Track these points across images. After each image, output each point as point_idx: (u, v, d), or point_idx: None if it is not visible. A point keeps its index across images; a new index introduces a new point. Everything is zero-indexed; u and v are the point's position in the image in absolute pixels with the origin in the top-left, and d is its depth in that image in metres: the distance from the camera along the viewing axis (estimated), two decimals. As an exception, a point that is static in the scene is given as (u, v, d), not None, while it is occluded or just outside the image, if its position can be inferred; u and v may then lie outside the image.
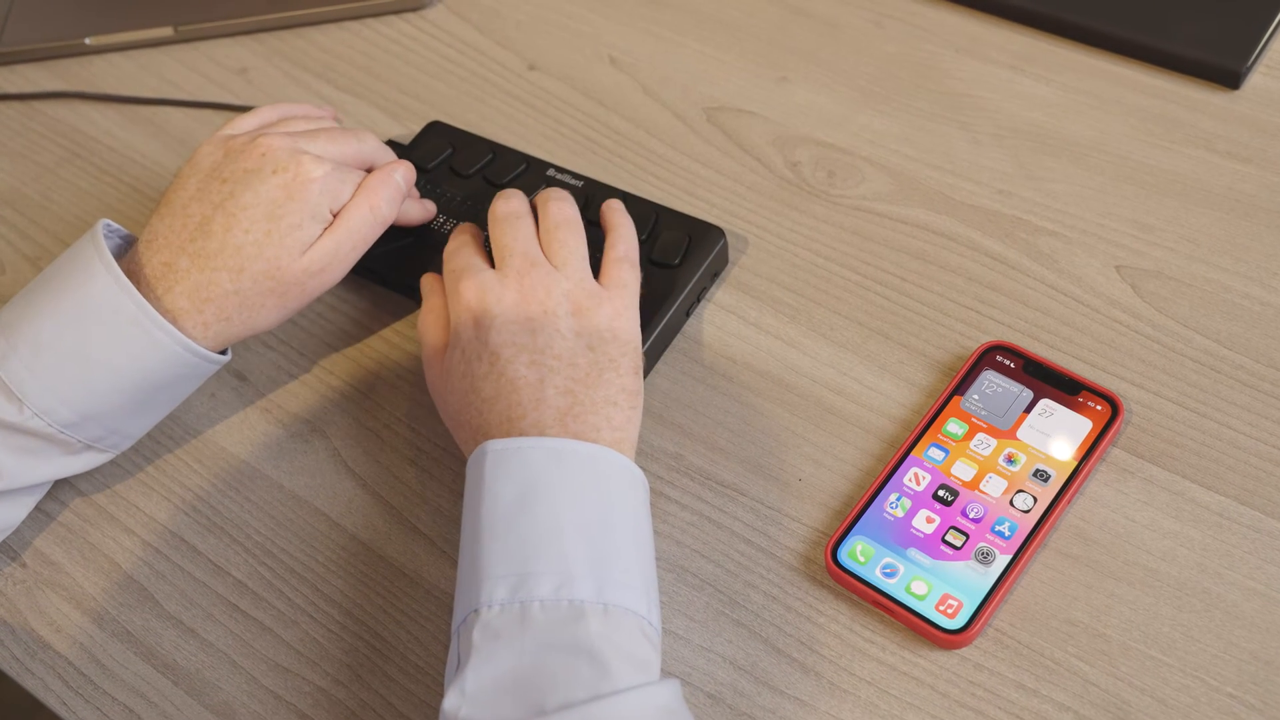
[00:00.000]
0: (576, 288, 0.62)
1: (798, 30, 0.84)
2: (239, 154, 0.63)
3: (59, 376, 0.59)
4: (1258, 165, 0.72)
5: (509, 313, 0.60)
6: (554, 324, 0.60)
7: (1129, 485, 0.61)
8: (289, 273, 0.62)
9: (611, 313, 0.61)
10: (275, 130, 0.66)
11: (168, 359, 0.61)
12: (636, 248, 0.66)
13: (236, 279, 0.61)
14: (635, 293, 0.64)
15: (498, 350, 0.59)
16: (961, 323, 0.68)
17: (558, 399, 0.58)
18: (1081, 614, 0.57)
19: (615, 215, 0.68)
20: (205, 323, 0.61)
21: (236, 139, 0.64)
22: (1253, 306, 0.66)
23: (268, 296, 0.62)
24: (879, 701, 0.56)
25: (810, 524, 0.62)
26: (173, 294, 0.61)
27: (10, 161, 0.85)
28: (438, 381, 0.62)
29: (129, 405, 0.62)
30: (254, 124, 0.68)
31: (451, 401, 0.61)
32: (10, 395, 0.59)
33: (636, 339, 0.62)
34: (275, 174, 0.62)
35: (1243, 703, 0.54)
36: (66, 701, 0.61)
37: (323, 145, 0.65)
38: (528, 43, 0.87)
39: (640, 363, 0.61)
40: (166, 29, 0.90)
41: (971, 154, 0.75)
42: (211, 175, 0.63)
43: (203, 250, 0.61)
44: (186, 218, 0.62)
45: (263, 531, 0.65)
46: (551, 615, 0.51)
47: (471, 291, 0.61)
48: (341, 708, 0.59)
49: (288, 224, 0.61)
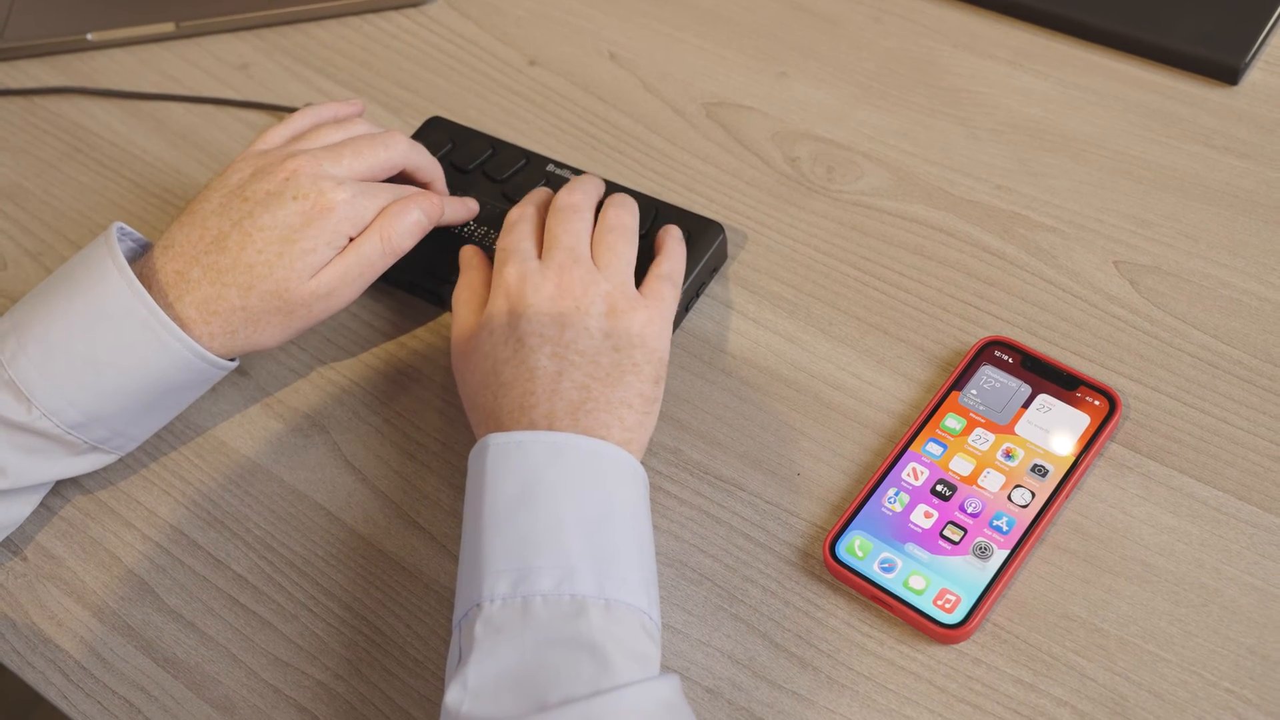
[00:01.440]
0: (615, 290, 0.62)
1: (797, 26, 0.84)
2: (265, 174, 0.63)
3: (68, 377, 0.60)
4: (1256, 161, 0.72)
5: (543, 304, 0.61)
6: (584, 321, 0.60)
7: (1127, 480, 0.61)
8: (296, 294, 0.62)
9: (645, 319, 0.62)
10: (305, 146, 0.66)
11: (176, 363, 0.61)
12: (683, 271, 0.67)
13: (245, 296, 0.61)
14: (671, 309, 0.64)
15: (524, 338, 0.60)
16: (960, 318, 0.68)
17: (572, 392, 0.58)
18: (1079, 609, 0.57)
19: (669, 239, 0.68)
20: (212, 334, 0.62)
21: (267, 156, 0.65)
22: (1251, 302, 0.66)
23: (274, 315, 0.62)
24: (877, 696, 0.56)
25: (809, 519, 0.62)
26: (183, 302, 0.61)
27: (12, 157, 0.85)
28: (462, 358, 0.63)
29: (135, 408, 0.62)
30: (286, 135, 0.68)
31: (471, 380, 0.61)
32: (19, 395, 0.59)
33: (664, 350, 0.62)
34: (295, 200, 0.62)
35: (1240, 697, 0.54)
36: (67, 695, 0.61)
37: (348, 164, 0.65)
38: (527, 38, 0.87)
39: (663, 374, 0.62)
40: (168, 24, 0.90)
41: (970, 149, 0.75)
42: (235, 192, 0.63)
43: (216, 264, 0.61)
44: (205, 230, 0.62)
45: (263, 526, 0.65)
46: (553, 610, 0.51)
47: (513, 276, 0.62)
48: (341, 702, 0.59)
49: (301, 248, 0.62)
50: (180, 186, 0.81)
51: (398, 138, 0.68)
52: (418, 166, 0.69)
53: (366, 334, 0.72)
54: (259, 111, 0.85)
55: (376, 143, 0.67)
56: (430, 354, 0.71)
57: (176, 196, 0.81)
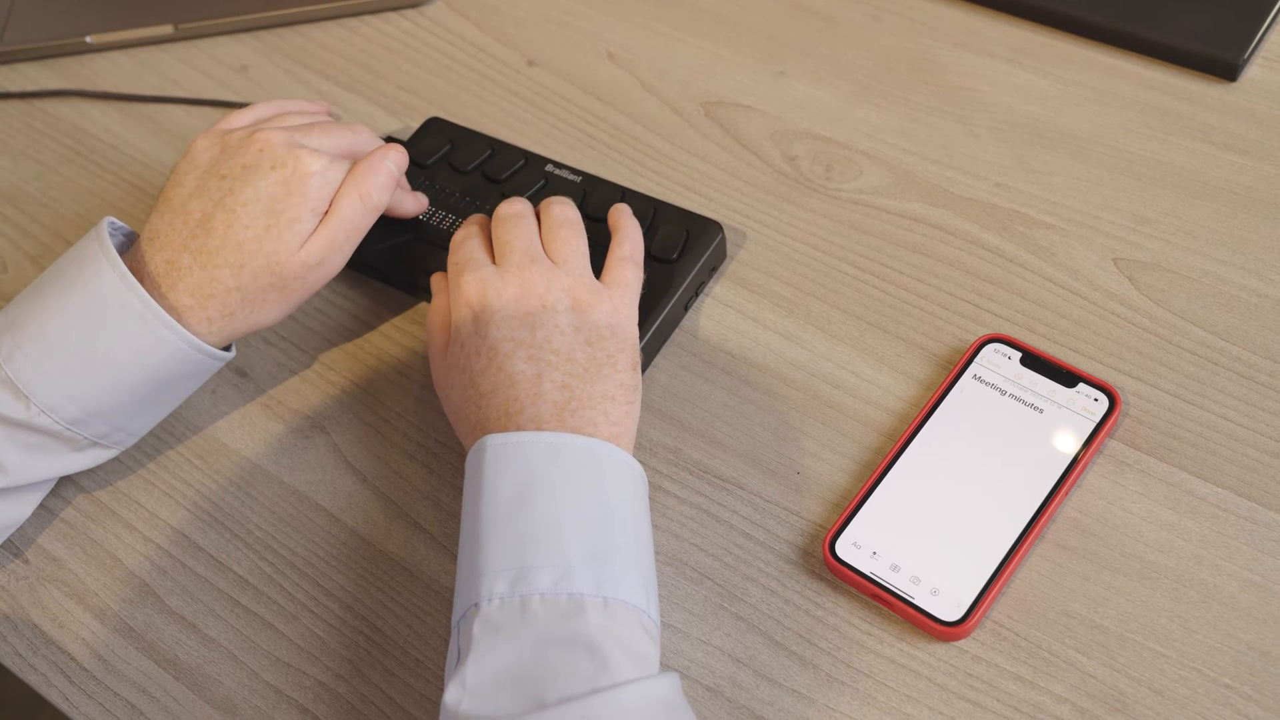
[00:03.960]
0: (577, 283, 0.62)
1: (795, 25, 0.84)
2: (237, 149, 0.63)
3: (65, 373, 0.60)
4: (1255, 157, 0.72)
5: (508, 307, 0.60)
6: (553, 319, 0.60)
7: (1126, 477, 0.61)
8: (288, 267, 0.62)
9: (611, 309, 0.62)
10: (271, 125, 0.66)
11: (173, 355, 0.61)
12: (641, 249, 0.67)
13: (238, 275, 0.61)
14: (636, 292, 0.64)
15: (496, 345, 0.60)
16: (959, 316, 0.68)
17: (555, 394, 0.58)
18: (1079, 605, 0.57)
19: (621, 218, 0.68)
20: (209, 318, 0.62)
21: (233, 134, 0.65)
22: (1250, 298, 0.66)
23: (269, 291, 0.62)
24: (877, 694, 0.56)
25: (809, 517, 0.62)
26: (176, 291, 0.61)
27: (11, 159, 0.85)
28: (441, 377, 0.63)
29: (134, 402, 0.62)
30: (249, 120, 0.68)
31: (453, 396, 0.61)
32: (17, 393, 0.59)
33: (634, 335, 0.62)
34: (274, 169, 0.62)
35: (1239, 693, 0.54)
36: (69, 697, 0.61)
37: (318, 139, 0.65)
38: (526, 39, 0.87)
39: (638, 359, 0.62)
40: (167, 27, 0.90)
41: (969, 147, 0.75)
42: (210, 171, 0.63)
43: (204, 247, 0.61)
44: (187, 215, 0.62)
45: (264, 527, 0.65)
46: (551, 609, 0.51)
47: (472, 286, 0.62)
48: (342, 702, 0.59)
49: (286, 218, 0.62)
50: (180, 188, 0.81)
51: (363, 127, 0.69)
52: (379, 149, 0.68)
53: (366, 335, 0.72)
54: (258, 113, 0.85)
55: (343, 127, 0.68)
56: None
57: (176, 198, 0.81)
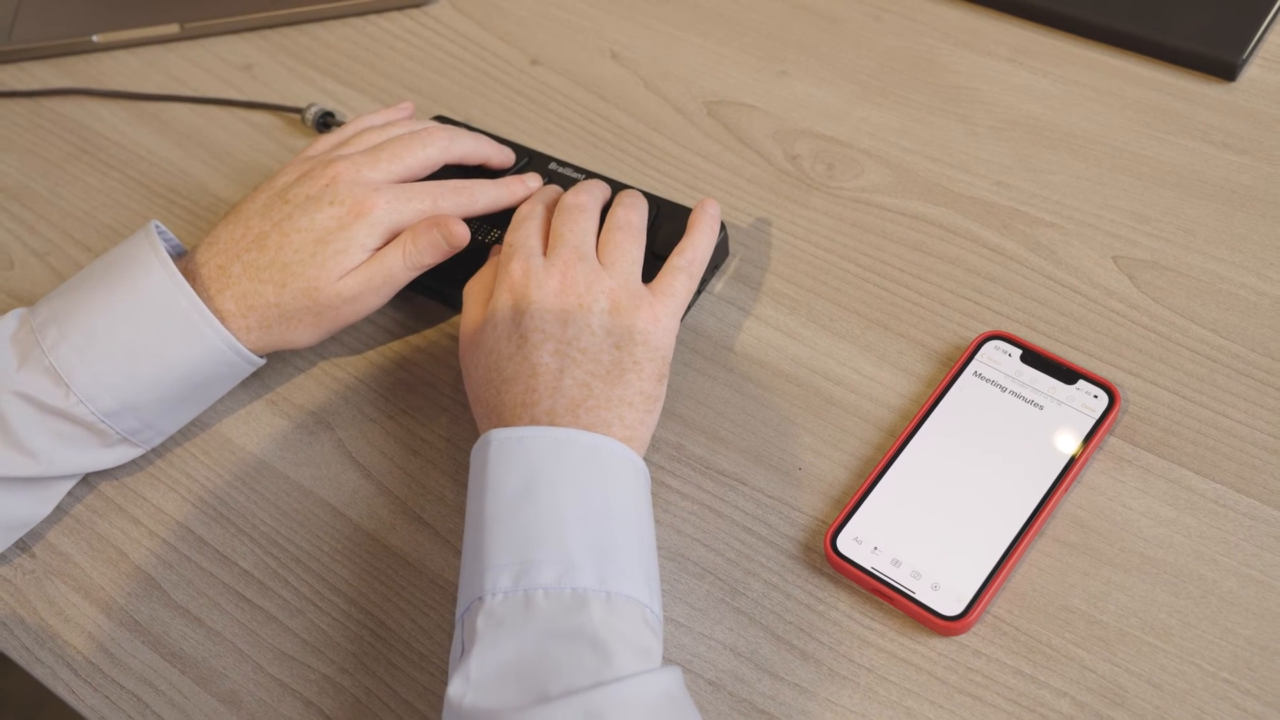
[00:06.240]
0: (619, 287, 0.62)
1: (798, 24, 0.85)
2: (308, 179, 0.66)
3: (107, 365, 0.62)
4: (1254, 156, 0.72)
5: (547, 300, 0.61)
6: (586, 318, 0.61)
7: (1126, 473, 0.61)
8: (325, 294, 0.64)
9: (650, 317, 0.62)
10: (347, 151, 0.68)
11: (212, 355, 0.63)
12: (702, 260, 0.66)
13: (279, 293, 0.64)
14: (682, 304, 0.64)
15: (526, 334, 0.60)
16: (960, 313, 0.68)
17: (574, 390, 0.59)
18: (1079, 601, 0.58)
19: (698, 220, 0.67)
20: (249, 327, 0.64)
21: (313, 161, 0.68)
22: (1249, 296, 0.67)
23: (305, 314, 0.65)
24: (878, 688, 0.57)
25: (810, 513, 0.62)
26: (223, 296, 0.64)
27: (19, 157, 0.85)
28: (468, 351, 0.64)
29: (169, 399, 0.64)
30: (334, 141, 0.71)
31: (475, 374, 0.62)
32: (58, 380, 0.61)
33: (667, 346, 0.62)
34: (332, 205, 0.65)
35: (1238, 688, 0.55)
36: (75, 690, 0.61)
37: (385, 167, 0.67)
38: (529, 38, 0.87)
39: (666, 371, 0.62)
40: (173, 26, 0.90)
41: (970, 146, 0.76)
42: (279, 195, 0.66)
43: (255, 262, 0.64)
44: (247, 229, 0.65)
45: (269, 522, 0.66)
46: (554, 603, 0.52)
47: (518, 272, 0.63)
48: (347, 695, 0.60)
49: (332, 249, 0.64)
50: (185, 186, 0.82)
51: (435, 135, 0.70)
52: (462, 156, 0.71)
53: (372, 332, 0.73)
54: (263, 112, 0.86)
55: (414, 142, 0.69)
56: (436, 353, 0.71)
57: (181, 196, 0.81)
